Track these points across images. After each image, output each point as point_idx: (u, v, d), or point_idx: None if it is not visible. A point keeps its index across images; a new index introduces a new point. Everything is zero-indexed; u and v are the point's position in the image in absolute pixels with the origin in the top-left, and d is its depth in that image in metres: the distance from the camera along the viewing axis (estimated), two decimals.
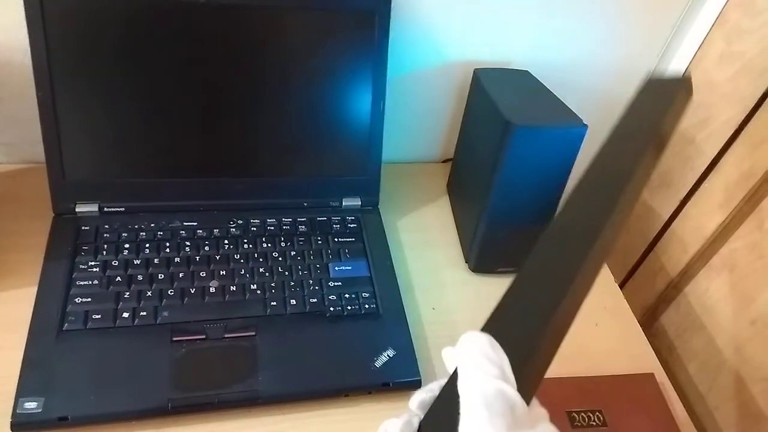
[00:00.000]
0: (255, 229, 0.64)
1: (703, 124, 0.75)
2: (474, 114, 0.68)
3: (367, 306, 0.60)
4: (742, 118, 0.69)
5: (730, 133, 0.71)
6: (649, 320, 0.86)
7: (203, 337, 0.54)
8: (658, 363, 0.64)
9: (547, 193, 0.62)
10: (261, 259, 0.61)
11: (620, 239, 0.92)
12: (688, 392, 0.80)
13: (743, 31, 0.70)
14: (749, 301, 0.69)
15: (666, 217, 0.81)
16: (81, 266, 0.57)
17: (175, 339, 0.53)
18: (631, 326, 0.67)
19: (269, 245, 0.62)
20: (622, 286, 0.92)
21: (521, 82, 0.68)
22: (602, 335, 0.66)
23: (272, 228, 0.64)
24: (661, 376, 0.62)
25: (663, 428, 0.57)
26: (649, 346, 0.66)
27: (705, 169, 0.75)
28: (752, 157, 0.68)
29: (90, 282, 0.56)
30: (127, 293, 0.56)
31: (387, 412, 0.56)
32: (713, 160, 0.73)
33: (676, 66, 0.78)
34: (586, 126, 0.58)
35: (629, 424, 0.56)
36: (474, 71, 0.68)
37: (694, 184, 0.76)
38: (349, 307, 0.59)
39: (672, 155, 0.80)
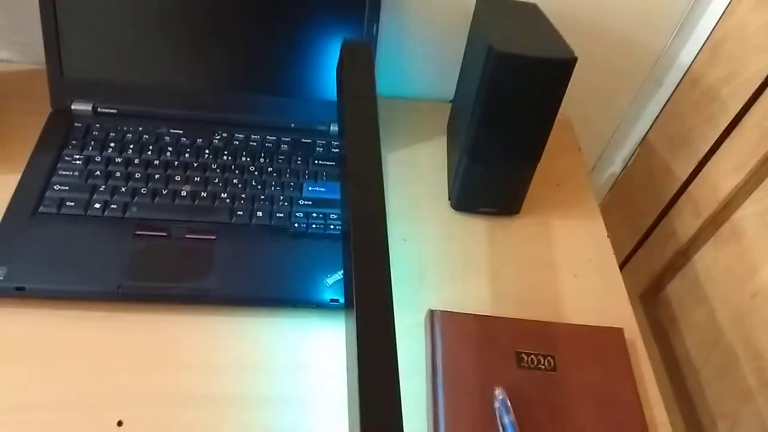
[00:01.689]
0: (238, 143, 0.65)
1: (730, 78, 0.68)
2: (470, 46, 0.66)
3: (332, 227, 0.60)
4: None
5: (756, 87, 0.64)
6: (655, 289, 0.81)
7: (165, 234, 0.56)
8: (635, 322, 0.60)
9: (533, 130, 0.60)
10: (237, 171, 0.62)
11: (635, 202, 0.87)
12: (683, 366, 0.75)
13: None
14: (753, 273, 0.64)
15: (683, 178, 0.76)
16: (66, 158, 0.60)
17: (138, 233, 0.56)
18: (614, 282, 0.64)
19: (248, 159, 0.63)
20: (634, 251, 0.87)
21: (524, 15, 0.64)
22: (580, 287, 0.63)
23: (254, 144, 0.65)
24: (633, 334, 0.59)
25: (618, 383, 0.54)
26: (629, 303, 0.62)
27: (726, 127, 0.69)
28: None
29: (71, 173, 0.59)
30: (103, 187, 0.58)
31: (331, 329, 0.57)
32: (736, 116, 0.67)
33: (710, 12, 0.71)
34: (574, 57, 0.54)
35: (581, 373, 0.54)
36: (476, 1, 0.65)
37: (714, 143, 0.70)
38: (314, 226, 0.59)
39: (694, 113, 0.74)
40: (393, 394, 0.33)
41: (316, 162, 0.65)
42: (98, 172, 0.59)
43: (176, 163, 0.62)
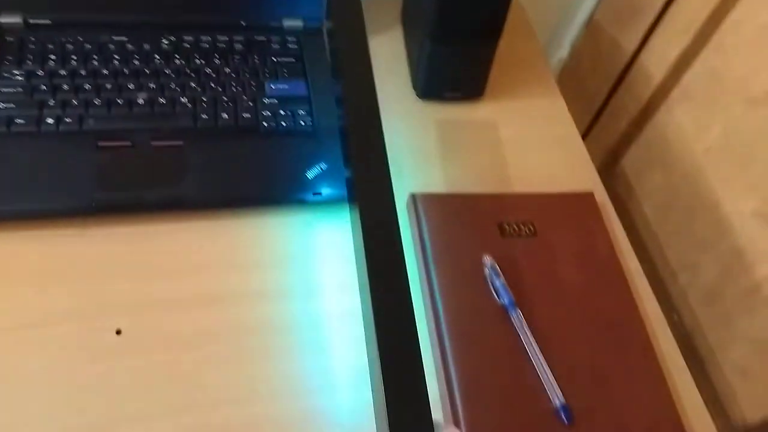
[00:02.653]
0: (188, 46, 0.61)
1: None
2: None
3: (302, 123, 0.58)
4: None
5: None
6: (612, 163, 0.85)
7: (129, 143, 0.54)
8: (602, 187, 0.63)
9: (493, 6, 0.59)
10: (193, 75, 0.59)
11: (585, 84, 0.89)
12: (642, 232, 0.80)
13: None
14: (705, 129, 0.67)
15: (632, 50, 0.78)
16: (5, 74, 0.55)
17: (100, 145, 0.53)
18: (579, 153, 0.66)
19: (202, 62, 0.60)
20: (587, 131, 0.90)
21: None
22: (548, 160, 0.65)
23: (206, 45, 0.62)
24: (602, 197, 0.62)
25: (595, 239, 0.57)
26: (595, 171, 0.65)
27: None
28: None
29: (14, 89, 0.55)
30: (52, 101, 0.54)
31: (316, 223, 0.57)
32: None
33: None
34: None
35: (560, 235, 0.56)
36: None
37: (661, 9, 0.72)
38: (283, 123, 0.58)
39: None
40: (402, 278, 0.34)
41: (274, 59, 0.62)
42: (43, 87, 0.55)
43: (126, 71, 0.58)
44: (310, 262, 0.53)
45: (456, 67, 0.64)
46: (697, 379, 0.72)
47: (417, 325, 0.34)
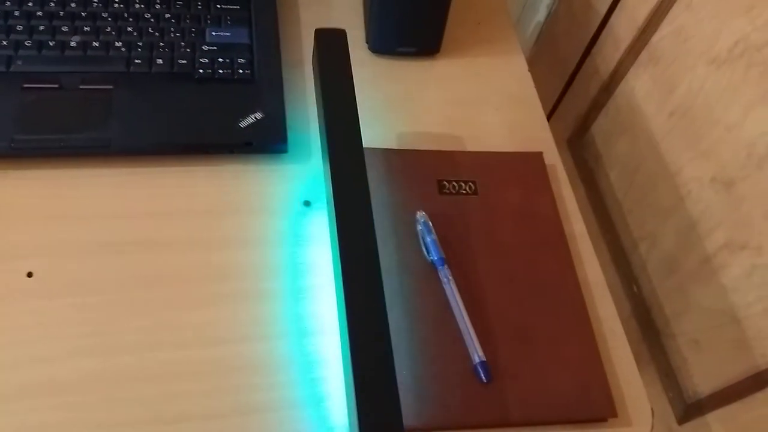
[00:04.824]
0: None
1: None
2: None
3: (241, 71, 0.57)
4: None
5: None
6: (582, 131, 0.82)
7: (57, 86, 0.52)
8: (555, 148, 0.61)
9: None
10: (131, 19, 0.57)
11: (560, 48, 0.86)
12: (607, 199, 0.78)
13: None
14: (670, 92, 0.65)
15: (603, 12, 0.75)
16: None
17: (26, 86, 0.51)
18: (535, 113, 0.63)
19: (142, 6, 0.58)
20: (561, 97, 0.87)
21: None
22: (502, 120, 0.62)
23: None
24: (554, 159, 0.59)
25: (538, 201, 0.55)
26: (549, 131, 0.62)
27: None
28: None
29: None
30: None
31: (248, 173, 0.55)
32: None
33: None
34: None
35: (502, 194, 0.54)
36: None
37: None
38: (220, 71, 0.56)
39: None
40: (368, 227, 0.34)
41: (218, 6, 0.60)
42: None
43: (62, 13, 0.56)
44: (236, 212, 0.51)
45: (409, 20, 0.62)
46: (652, 352, 0.70)
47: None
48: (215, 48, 0.57)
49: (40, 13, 0.56)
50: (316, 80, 0.39)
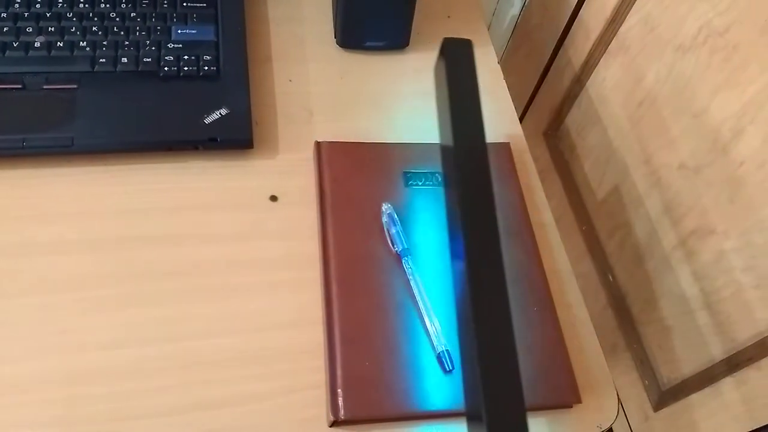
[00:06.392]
0: None
1: None
2: None
3: (206, 68, 0.57)
4: None
5: None
6: (556, 123, 0.82)
7: (20, 86, 0.52)
8: (524, 138, 0.61)
9: None
10: (96, 19, 0.57)
11: (534, 41, 0.86)
12: (582, 190, 0.78)
13: None
14: (639, 81, 0.65)
15: (574, 2, 0.75)
16: None
17: None
18: (504, 105, 0.64)
19: (107, 6, 0.58)
20: (536, 91, 0.87)
21: None
22: None
23: None
24: (521, 148, 0.60)
25: (504, 190, 0.55)
26: (518, 122, 0.62)
27: None
28: None
29: None
30: None
31: (214, 170, 0.55)
32: None
33: None
34: None
35: None
36: None
37: None
38: (186, 68, 0.56)
39: None
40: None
41: (184, 4, 0.60)
42: None
43: (26, 14, 0.56)
44: (202, 208, 0.52)
45: (376, 15, 0.62)
46: (628, 340, 0.70)
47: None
48: (181, 46, 0.57)
49: (4, 15, 0.56)
50: (441, 88, 0.40)
